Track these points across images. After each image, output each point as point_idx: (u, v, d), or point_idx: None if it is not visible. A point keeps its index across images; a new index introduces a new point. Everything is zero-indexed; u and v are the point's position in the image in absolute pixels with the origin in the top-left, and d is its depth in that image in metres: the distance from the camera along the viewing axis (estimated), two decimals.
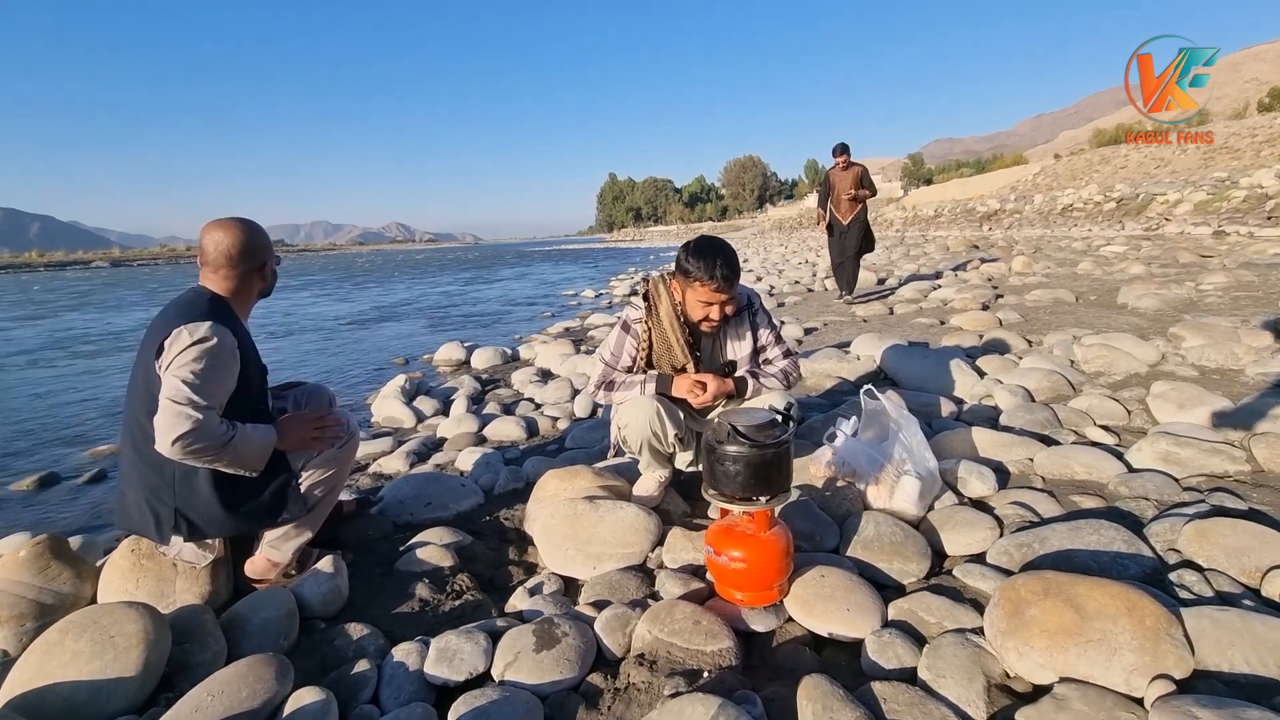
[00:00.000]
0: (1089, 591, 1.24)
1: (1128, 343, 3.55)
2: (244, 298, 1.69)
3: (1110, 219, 21.48)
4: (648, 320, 2.00)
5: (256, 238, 1.67)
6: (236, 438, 1.49)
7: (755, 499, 1.44)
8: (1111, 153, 35.51)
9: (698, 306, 1.88)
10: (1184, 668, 1.15)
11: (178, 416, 1.40)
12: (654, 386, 1.97)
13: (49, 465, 3.36)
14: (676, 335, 1.97)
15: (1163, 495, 1.88)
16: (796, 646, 1.43)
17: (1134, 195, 22.83)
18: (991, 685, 1.22)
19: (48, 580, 1.68)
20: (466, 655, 1.39)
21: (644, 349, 2.02)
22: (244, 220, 1.68)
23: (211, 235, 1.62)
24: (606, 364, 2.08)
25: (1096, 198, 24.83)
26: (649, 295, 2.01)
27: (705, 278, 1.81)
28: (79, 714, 1.24)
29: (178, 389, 1.44)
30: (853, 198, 6.22)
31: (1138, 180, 26.88)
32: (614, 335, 2.09)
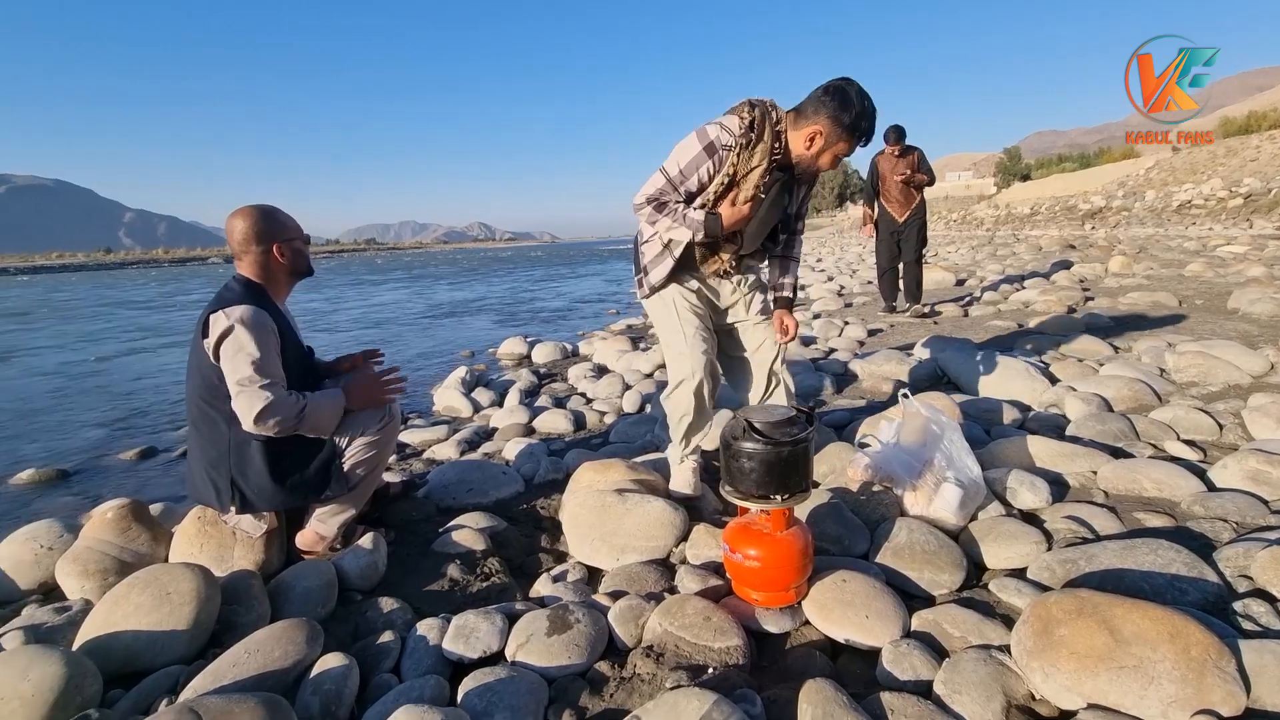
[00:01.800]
0: (1127, 614, 1.14)
1: (1231, 351, 3.21)
2: (272, 279, 1.78)
3: (1236, 217, 19.55)
4: (741, 150, 1.77)
5: (262, 221, 1.73)
6: (309, 406, 1.64)
7: (771, 498, 1.41)
8: (1240, 144, 32.11)
9: (833, 159, 1.78)
10: (1233, 704, 1.04)
11: (251, 399, 1.55)
12: (704, 231, 1.82)
13: (150, 440, 3.73)
14: (760, 178, 1.78)
15: (1244, 518, 1.70)
16: (810, 651, 1.39)
17: (1265, 190, 20.67)
18: (1012, 706, 1.15)
19: (128, 540, 1.86)
20: (482, 634, 1.44)
21: (723, 180, 1.80)
22: (254, 206, 1.78)
23: (228, 224, 1.74)
24: (669, 180, 1.83)
25: (1220, 193, 22.66)
26: (756, 124, 1.76)
27: (865, 136, 1.75)
28: (136, 661, 1.38)
29: (241, 373, 1.58)
30: (908, 183, 5.26)
31: (1270, 174, 24.24)
32: (688, 151, 1.80)
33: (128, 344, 8.57)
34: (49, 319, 13.12)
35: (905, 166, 5.21)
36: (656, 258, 1.99)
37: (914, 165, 5.22)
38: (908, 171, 5.20)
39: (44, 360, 7.45)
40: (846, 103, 1.70)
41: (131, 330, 10.28)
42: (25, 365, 7.14)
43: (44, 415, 4.63)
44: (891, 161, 5.29)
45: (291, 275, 1.84)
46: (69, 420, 4.43)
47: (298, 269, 1.85)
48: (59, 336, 9.90)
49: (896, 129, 5.18)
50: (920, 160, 5.26)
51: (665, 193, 1.84)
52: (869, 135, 1.76)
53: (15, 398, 5.34)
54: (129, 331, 10.10)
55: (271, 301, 1.76)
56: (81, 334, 10.12)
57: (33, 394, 5.46)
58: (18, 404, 5.08)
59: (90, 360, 7.22)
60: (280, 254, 1.77)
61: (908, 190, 5.32)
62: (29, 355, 7.96)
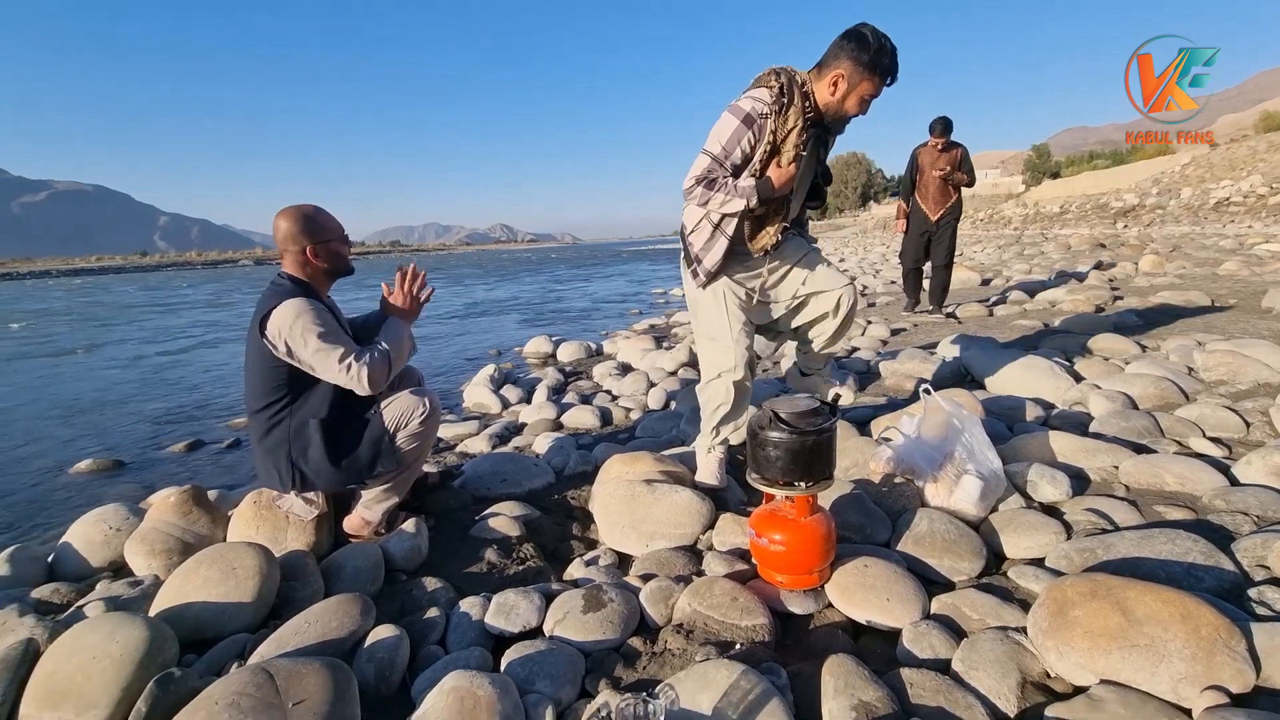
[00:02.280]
0: (1140, 596, 1.19)
1: (1262, 350, 3.18)
2: (313, 277, 1.88)
3: (1277, 214, 19.02)
4: (776, 116, 1.85)
5: (301, 222, 1.82)
6: (389, 350, 1.83)
7: (796, 484, 1.48)
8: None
9: (859, 102, 1.85)
10: (1242, 682, 1.09)
11: (351, 376, 1.72)
12: (756, 196, 1.88)
13: (197, 433, 3.91)
14: (798, 138, 1.86)
15: (1266, 511, 1.72)
16: (833, 631, 1.45)
17: None
18: (1027, 682, 1.20)
19: (189, 523, 2.00)
20: (522, 611, 1.53)
21: (765, 148, 1.87)
22: (296, 207, 1.86)
23: (273, 223, 1.85)
24: (714, 159, 1.90)
25: (1260, 190, 22.03)
26: (784, 89, 1.83)
27: (887, 74, 1.81)
28: (205, 629, 1.49)
29: (326, 360, 1.72)
30: (947, 180, 5.02)
31: None
32: (728, 127, 1.88)
33: (172, 343, 8.89)
34: (87, 321, 13.62)
35: (946, 162, 4.99)
36: (708, 242, 2.04)
37: (955, 162, 4.99)
38: (948, 168, 4.98)
39: (93, 359, 7.77)
40: (864, 42, 1.77)
41: (172, 331, 10.65)
42: (77, 363, 7.46)
43: (96, 411, 4.86)
44: (933, 155, 5.04)
45: (328, 275, 1.93)
46: (121, 415, 4.65)
47: (335, 269, 1.93)
48: (103, 336, 10.29)
49: (944, 120, 4.95)
50: (963, 158, 5.02)
51: (713, 170, 1.90)
52: (891, 72, 1.82)
53: (70, 394, 5.60)
54: (172, 332, 10.47)
55: (317, 295, 1.87)
56: (129, 335, 10.50)
57: (85, 391, 5.72)
58: (72, 400, 5.33)
59: (135, 359, 7.52)
60: (314, 254, 1.85)
61: (945, 188, 5.10)
62: (80, 355, 8.31)
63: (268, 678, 1.19)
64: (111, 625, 1.33)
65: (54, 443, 3.97)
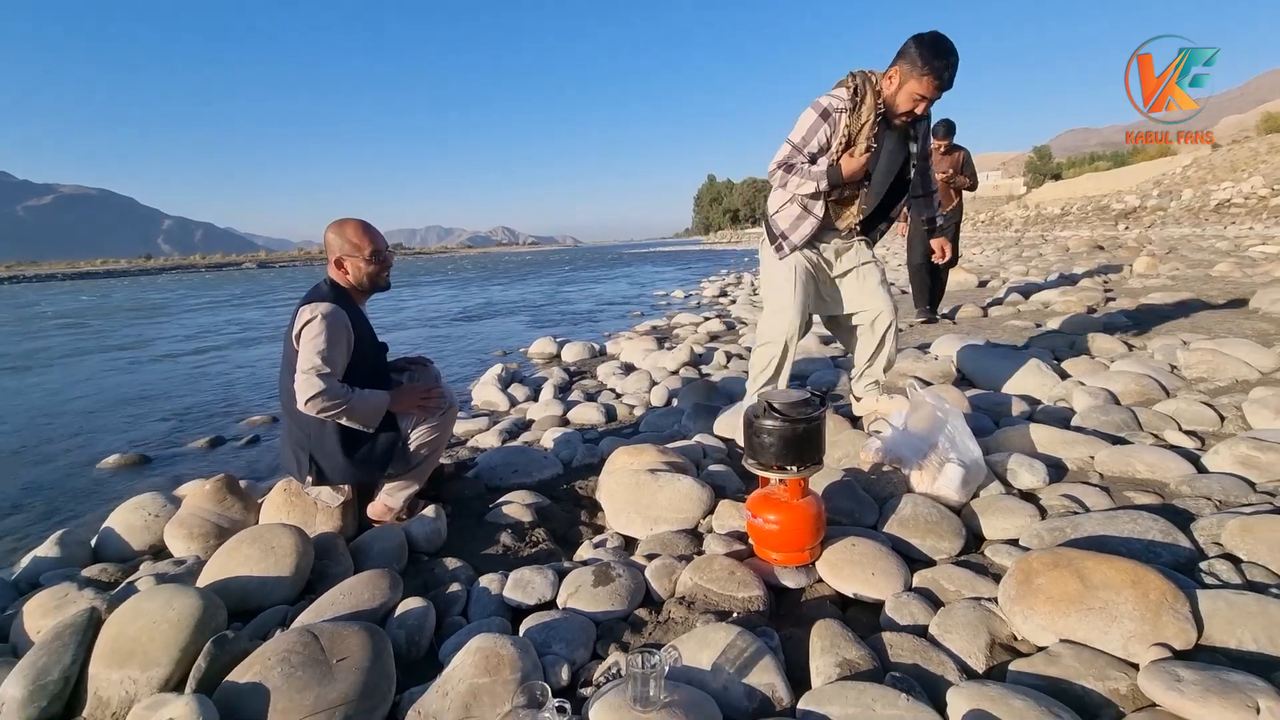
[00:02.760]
0: (1096, 565, 1.33)
1: (1243, 349, 3.31)
2: (354, 286, 2.02)
3: (1278, 216, 19.09)
4: (851, 113, 2.12)
5: (330, 238, 1.99)
6: (354, 399, 1.87)
7: (788, 468, 1.61)
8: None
9: (909, 98, 2.07)
10: (1185, 639, 1.22)
11: (309, 383, 1.79)
12: (826, 180, 2.15)
13: (217, 430, 4.05)
14: (869, 131, 2.11)
15: (1228, 496, 1.85)
16: (822, 602, 1.59)
17: None
18: (995, 643, 1.33)
19: (224, 509, 2.14)
20: (537, 585, 1.67)
21: (841, 139, 2.14)
22: (342, 221, 2.00)
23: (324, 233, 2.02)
24: (794, 146, 2.20)
25: (1261, 191, 22.07)
26: (859, 89, 2.11)
27: (934, 76, 2.01)
28: (250, 600, 1.63)
29: (308, 360, 1.83)
30: (948, 183, 5.04)
31: None
32: (805, 119, 2.18)
33: (184, 344, 9.05)
34: (102, 321, 13.80)
35: (948, 165, 5.03)
36: (797, 220, 2.32)
37: (957, 165, 5.04)
38: (950, 170, 5.01)
39: (113, 359, 7.93)
40: (921, 42, 2.01)
41: (185, 332, 10.82)
42: (97, 362, 7.62)
43: (119, 408, 5.01)
44: (935, 157, 4.97)
45: (368, 288, 2.05)
46: (143, 412, 4.80)
47: (362, 285, 2.03)
48: (116, 337, 10.46)
49: (946, 123, 5.02)
50: (965, 161, 5.08)
51: (791, 156, 2.20)
52: (940, 75, 2.01)
53: (92, 392, 5.76)
54: (180, 333, 10.64)
55: (353, 304, 2.01)
56: (143, 337, 10.67)
57: (107, 388, 5.88)
58: (96, 397, 5.49)
59: (150, 360, 7.68)
60: (343, 268, 1.99)
61: (947, 191, 5.09)
62: (97, 354, 8.47)
63: (313, 638, 1.33)
64: (168, 594, 1.47)
65: (80, 439, 4.12)
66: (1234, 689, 1.06)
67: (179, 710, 1.16)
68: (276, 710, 1.19)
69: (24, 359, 8.37)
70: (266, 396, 5.23)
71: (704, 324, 6.74)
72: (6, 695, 1.31)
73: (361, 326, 2.02)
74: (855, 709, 1.14)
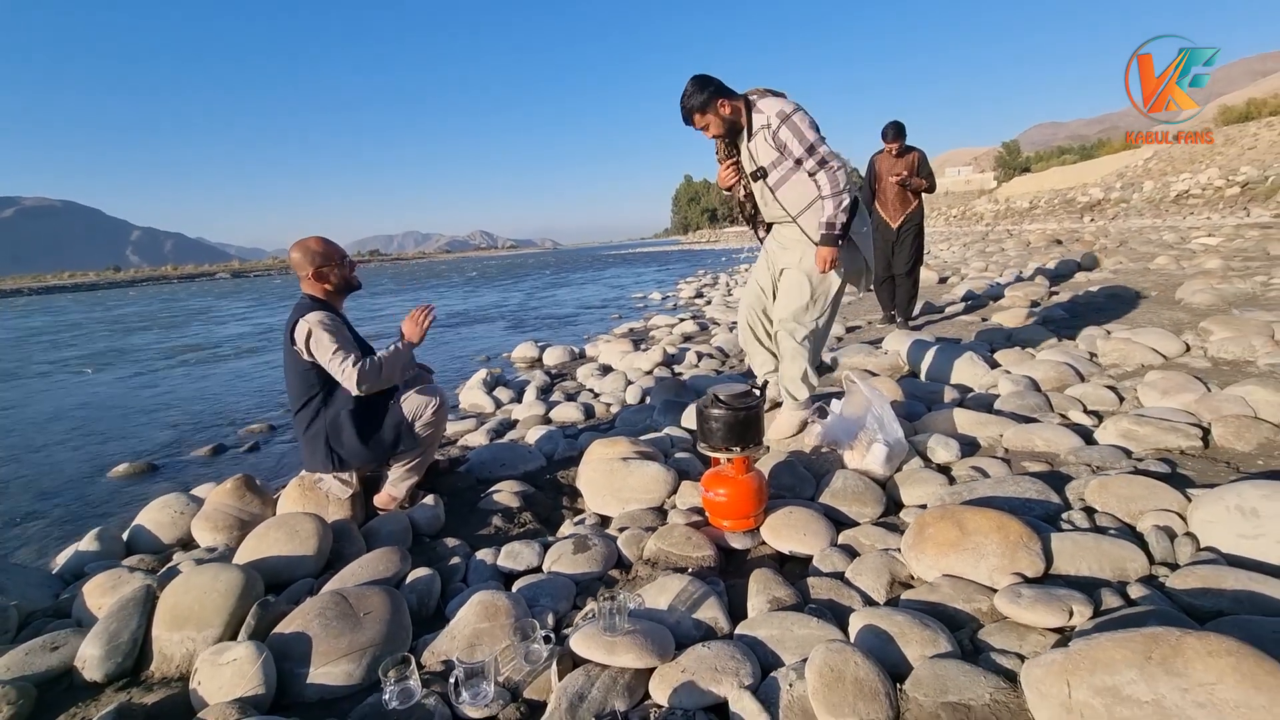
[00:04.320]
0: (972, 516, 1.66)
1: (1153, 337, 3.71)
2: (328, 295, 2.32)
3: (1233, 205, 19.86)
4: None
5: (300, 254, 2.28)
6: (385, 364, 2.20)
7: (733, 449, 1.93)
8: (1237, 132, 32.40)
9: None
10: (1035, 569, 1.56)
11: (349, 376, 2.11)
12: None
13: (218, 439, 4.29)
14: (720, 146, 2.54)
15: (1104, 463, 2.21)
16: (764, 560, 1.91)
17: (1262, 178, 20.94)
18: (895, 581, 1.67)
19: (244, 504, 2.41)
20: (525, 555, 1.97)
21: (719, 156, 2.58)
22: (298, 241, 2.30)
23: (289, 254, 2.33)
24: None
25: (1217, 182, 22.87)
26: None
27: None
28: (280, 576, 1.91)
29: (335, 363, 2.13)
30: (904, 186, 4.97)
31: (1268, 162, 24.49)
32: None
33: (172, 360, 9.17)
34: (76, 338, 13.77)
35: (903, 167, 4.95)
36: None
37: (912, 167, 4.95)
38: (904, 173, 4.94)
39: (104, 375, 8.05)
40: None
41: (169, 346, 10.90)
42: (87, 376, 7.74)
43: (117, 421, 5.20)
44: (889, 161, 5.00)
45: (339, 292, 2.36)
46: (141, 425, 5.00)
47: (339, 287, 2.36)
48: (94, 355, 10.52)
49: (895, 125, 4.88)
50: (920, 163, 4.96)
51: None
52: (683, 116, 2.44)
53: (88, 406, 5.92)
54: (166, 348, 10.72)
55: (334, 310, 2.30)
56: (124, 350, 10.73)
57: (100, 402, 6.04)
58: (91, 411, 5.66)
59: (145, 373, 7.82)
60: (319, 277, 2.30)
61: (904, 194, 5.04)
62: (90, 369, 8.57)
63: (342, 598, 1.62)
64: (214, 570, 1.75)
65: (84, 450, 4.32)
66: (1057, 600, 1.40)
67: (241, 653, 1.44)
68: (319, 652, 1.48)
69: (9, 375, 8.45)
70: (255, 406, 5.45)
71: (679, 325, 7.07)
72: (86, 654, 1.58)
73: (348, 326, 2.32)
74: (777, 630, 1.46)
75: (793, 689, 1.29)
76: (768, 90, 2.44)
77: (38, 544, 2.81)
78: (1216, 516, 1.66)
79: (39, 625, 1.84)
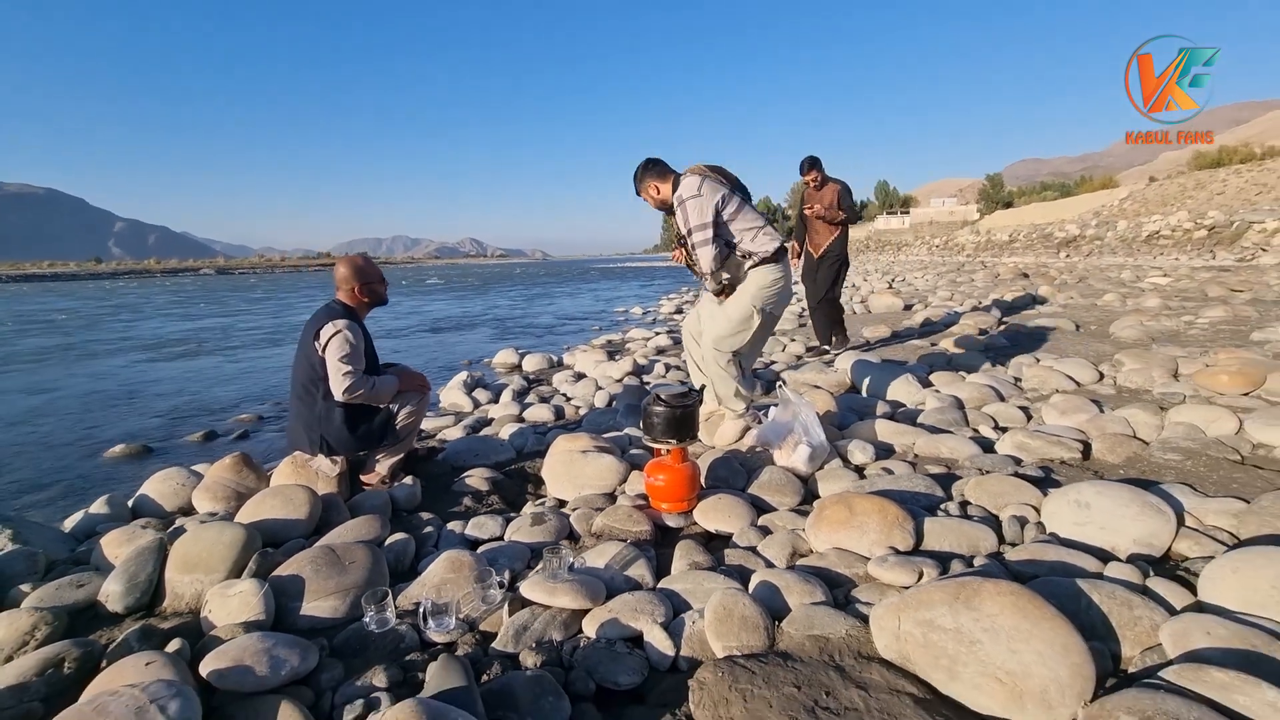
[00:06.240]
0: (860, 501, 2.01)
1: (1072, 366, 4.13)
2: (359, 306, 2.66)
3: (1200, 248, 20.67)
4: None
5: (348, 270, 2.65)
6: (377, 384, 2.51)
7: (671, 441, 2.27)
8: (1208, 177, 33.77)
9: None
10: (907, 544, 1.91)
11: (345, 376, 2.42)
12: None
13: (209, 426, 4.54)
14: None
15: (993, 468, 2.57)
16: (694, 536, 2.24)
17: (1228, 223, 21.74)
18: (796, 553, 2.00)
19: (240, 479, 2.70)
20: (490, 527, 2.29)
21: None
22: (346, 258, 2.68)
23: (335, 268, 2.66)
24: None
25: (1186, 225, 23.66)
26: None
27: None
28: (275, 536, 2.20)
29: (339, 364, 2.44)
30: (820, 218, 5.10)
31: (1234, 207, 25.54)
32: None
33: (169, 350, 9.34)
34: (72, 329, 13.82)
35: (816, 200, 5.12)
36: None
37: (832, 201, 5.05)
38: (817, 205, 5.09)
39: (96, 360, 8.21)
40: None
41: (156, 338, 11.04)
42: (79, 363, 7.90)
43: (110, 407, 5.42)
44: (812, 194, 5.17)
45: (368, 305, 2.72)
46: (133, 411, 5.23)
47: (372, 303, 2.73)
48: (95, 339, 10.64)
49: (810, 160, 5.01)
50: (840, 196, 5.06)
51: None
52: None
53: (81, 391, 6.12)
54: (152, 339, 10.87)
55: (358, 319, 2.62)
56: (120, 338, 10.85)
57: (93, 388, 6.24)
58: (85, 396, 5.86)
59: (132, 361, 8.00)
60: (361, 293, 2.67)
61: (824, 226, 5.18)
62: (78, 355, 8.72)
63: (331, 550, 1.92)
64: (219, 526, 2.04)
65: (80, 432, 4.55)
66: (914, 565, 1.74)
67: (245, 586, 1.74)
68: (310, 590, 1.78)
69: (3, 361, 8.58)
70: (243, 396, 5.70)
71: (653, 339, 7.42)
72: (109, 590, 1.87)
73: (367, 339, 2.64)
74: (691, 585, 1.79)
75: (695, 625, 1.62)
76: (701, 170, 2.95)
77: (44, 511, 3.06)
78: (1059, 509, 2.03)
79: (61, 570, 2.11)
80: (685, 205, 2.85)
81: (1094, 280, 11.43)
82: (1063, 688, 1.26)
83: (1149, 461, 2.60)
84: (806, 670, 1.43)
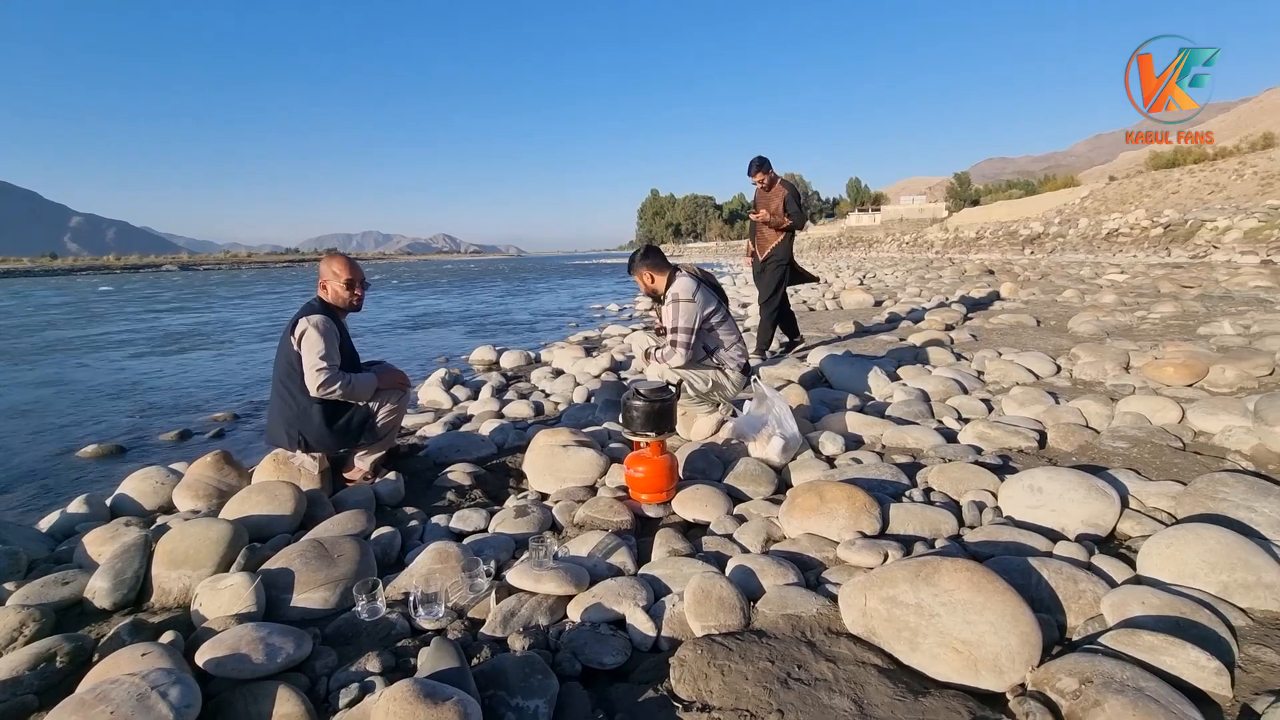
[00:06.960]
0: (830, 489, 2.12)
1: (1031, 359, 4.32)
2: (335, 304, 2.68)
3: (1156, 245, 21.40)
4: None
5: (327, 269, 2.68)
6: (354, 381, 2.53)
7: (650, 434, 2.35)
8: (1164, 176, 35.00)
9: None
10: (874, 528, 2.02)
11: (319, 373, 2.43)
12: None
13: (184, 425, 4.49)
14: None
15: (955, 457, 2.70)
16: (673, 525, 2.33)
17: (1182, 221, 22.51)
18: (770, 539, 2.10)
19: (222, 476, 2.71)
20: (474, 519, 2.35)
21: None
22: (336, 257, 2.69)
23: (320, 265, 2.67)
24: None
25: (1143, 223, 24.44)
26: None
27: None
28: (261, 531, 2.23)
29: (313, 360, 2.46)
30: (771, 225, 4.97)
31: (1188, 206, 26.52)
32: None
33: (130, 346, 9.12)
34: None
35: (763, 205, 5.00)
36: None
37: (775, 206, 4.91)
38: (763, 211, 4.97)
39: (63, 358, 7.99)
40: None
41: (123, 336, 10.76)
42: (47, 361, 7.69)
43: (81, 406, 5.31)
44: (761, 196, 5.02)
45: (342, 307, 2.72)
46: (105, 411, 5.14)
47: (347, 307, 2.73)
48: (62, 342, 10.33)
49: (758, 160, 4.87)
50: (786, 202, 4.88)
51: None
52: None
53: (52, 390, 5.97)
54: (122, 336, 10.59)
55: (336, 318, 2.64)
56: (83, 336, 10.55)
57: (64, 386, 6.10)
58: (56, 395, 5.73)
59: (101, 360, 7.81)
60: (326, 292, 2.67)
61: (769, 230, 5.05)
62: (44, 353, 8.47)
63: (319, 543, 1.96)
64: (206, 523, 2.06)
65: (50, 432, 4.47)
66: (879, 547, 1.85)
67: (236, 580, 1.78)
68: (300, 582, 1.82)
69: None
70: (217, 394, 5.64)
71: (630, 335, 7.49)
72: (96, 586, 1.89)
73: (345, 337, 2.66)
74: (670, 570, 1.88)
75: (675, 607, 1.71)
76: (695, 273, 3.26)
77: (16, 512, 3.02)
78: (1015, 493, 2.16)
79: (44, 569, 2.12)
80: (679, 305, 3.10)
81: (1055, 277, 11.83)
82: (1013, 655, 1.37)
83: (1099, 449, 2.77)
84: (780, 646, 1.53)
